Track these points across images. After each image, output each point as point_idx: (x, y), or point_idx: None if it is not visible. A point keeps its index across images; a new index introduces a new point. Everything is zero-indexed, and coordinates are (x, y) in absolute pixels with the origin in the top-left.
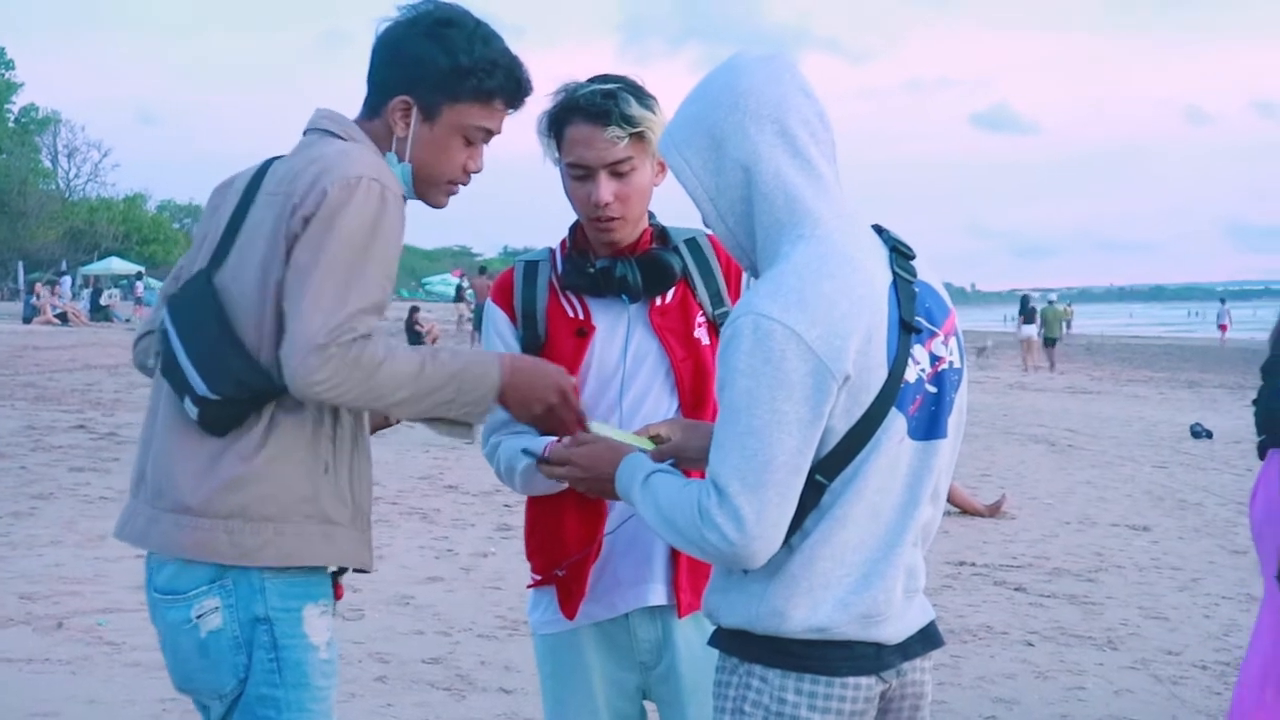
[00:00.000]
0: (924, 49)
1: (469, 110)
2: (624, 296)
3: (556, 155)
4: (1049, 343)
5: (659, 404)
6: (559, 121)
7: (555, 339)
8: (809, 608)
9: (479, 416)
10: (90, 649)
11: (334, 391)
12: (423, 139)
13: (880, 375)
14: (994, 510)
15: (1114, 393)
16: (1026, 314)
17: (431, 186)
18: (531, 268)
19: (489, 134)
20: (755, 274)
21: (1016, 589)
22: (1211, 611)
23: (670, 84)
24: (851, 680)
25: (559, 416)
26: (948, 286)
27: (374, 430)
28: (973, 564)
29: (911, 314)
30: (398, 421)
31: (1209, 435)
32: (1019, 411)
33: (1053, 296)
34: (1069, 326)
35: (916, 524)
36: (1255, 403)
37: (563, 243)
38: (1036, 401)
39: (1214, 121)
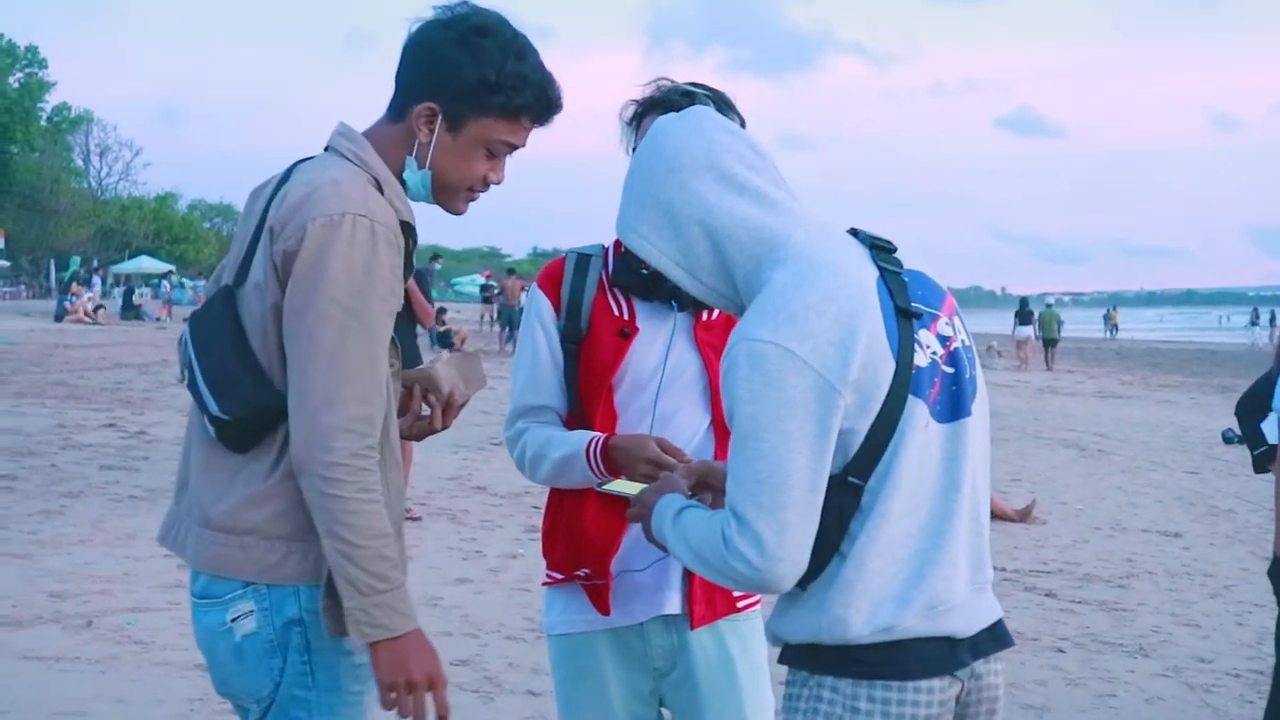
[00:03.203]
0: (948, 52)
1: (495, 125)
2: (673, 303)
3: (634, 146)
4: (1048, 343)
5: (691, 418)
6: (641, 114)
7: (597, 335)
8: (870, 610)
9: (359, 625)
10: (119, 648)
11: (334, 490)
12: (445, 147)
13: (889, 367)
14: (1024, 515)
15: (1144, 397)
16: (1023, 315)
17: (450, 194)
18: (584, 260)
19: (513, 148)
20: None
21: (1047, 595)
22: (1244, 619)
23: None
24: (925, 684)
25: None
26: (977, 290)
27: (418, 436)
28: (1003, 569)
29: (907, 301)
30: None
31: (1241, 441)
32: (1049, 416)
33: (1050, 300)
34: (1117, 330)
35: (963, 508)
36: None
37: (617, 241)
38: (1066, 405)
39: (1242, 126)
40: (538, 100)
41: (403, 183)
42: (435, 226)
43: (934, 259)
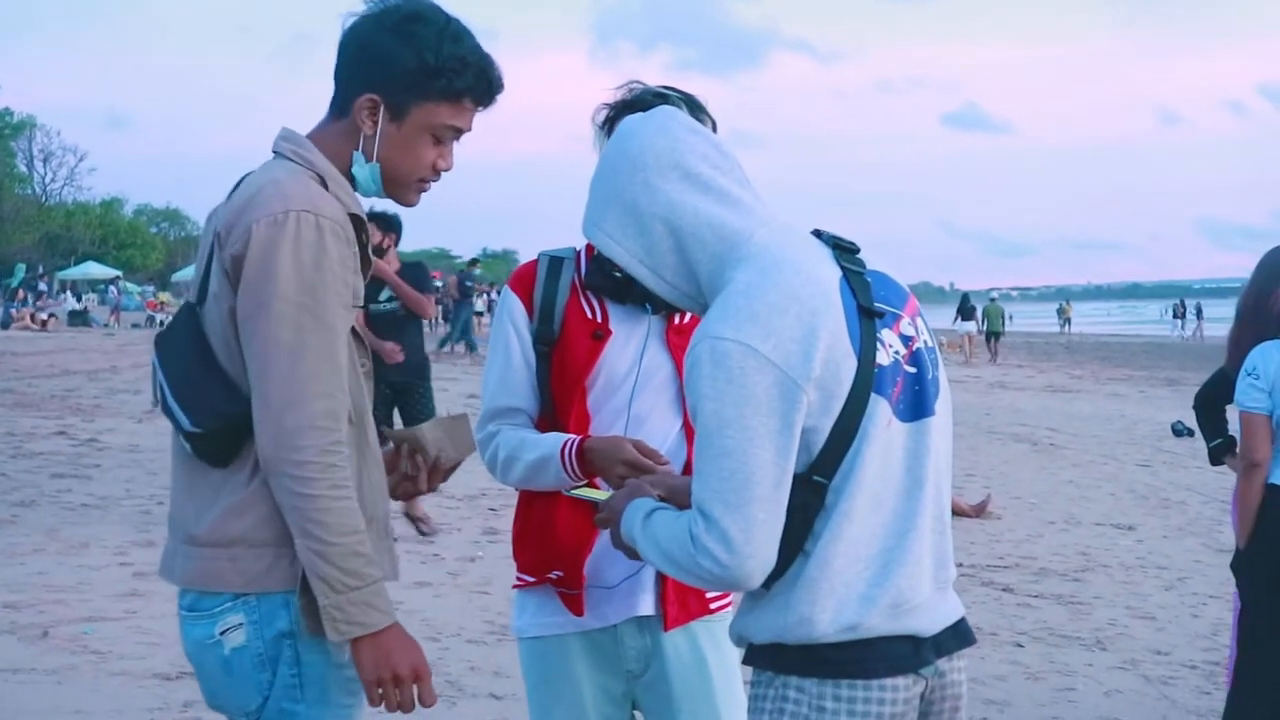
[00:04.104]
0: (894, 49)
1: (438, 109)
2: (647, 306)
3: None
4: (993, 336)
5: (664, 421)
6: (613, 117)
7: (570, 338)
8: (835, 608)
9: (335, 623)
10: (76, 658)
11: (304, 489)
12: (390, 138)
13: (851, 365)
14: (980, 510)
15: (1094, 391)
16: (965, 311)
17: (401, 185)
18: (556, 263)
19: (459, 132)
20: None
21: (1004, 589)
22: (1199, 611)
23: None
24: (890, 682)
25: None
26: (926, 285)
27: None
28: (960, 564)
29: (870, 300)
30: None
31: (1190, 433)
32: (1000, 411)
33: (994, 294)
34: (1070, 324)
35: (926, 507)
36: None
37: (589, 244)
38: (1017, 400)
39: (1186, 121)
40: (479, 81)
41: (352, 179)
42: None
43: (885, 257)
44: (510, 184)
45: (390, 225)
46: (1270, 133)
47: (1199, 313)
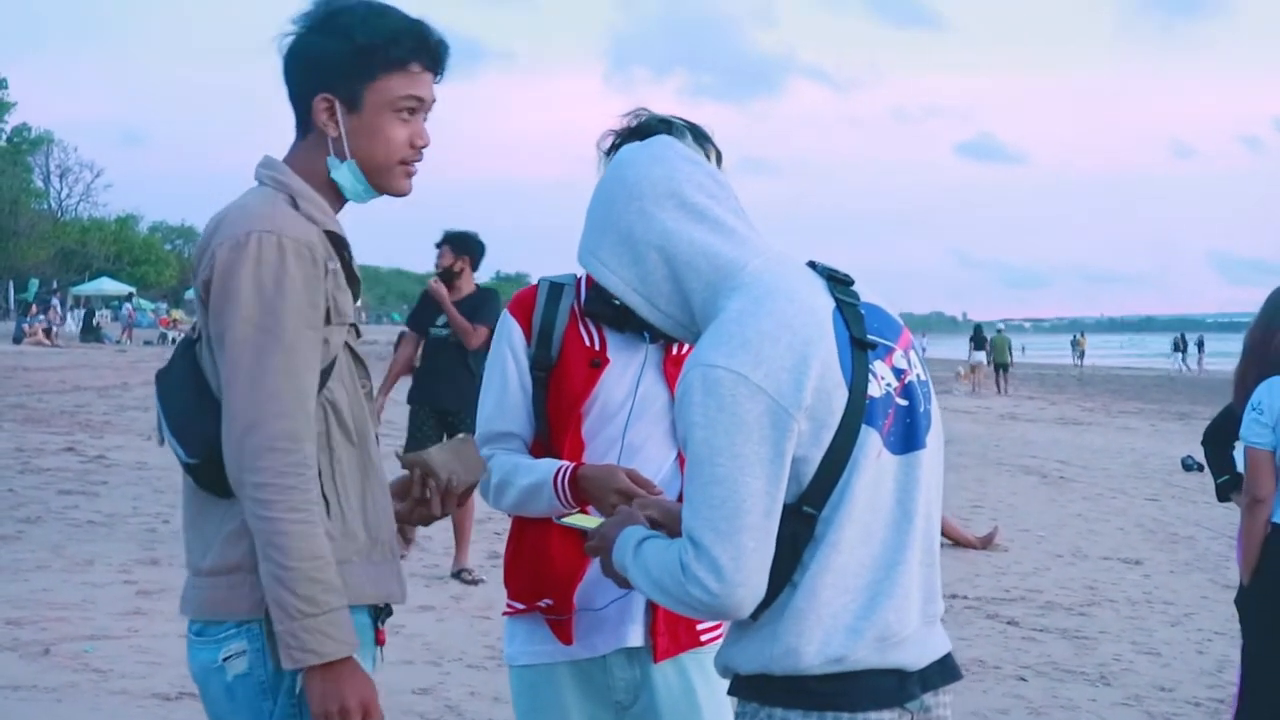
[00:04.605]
0: (909, 78)
1: (389, 83)
2: (645, 335)
3: None
4: (1001, 368)
5: (659, 450)
6: (619, 144)
7: (568, 364)
8: (821, 639)
9: (289, 649)
10: (77, 676)
11: (263, 511)
12: (356, 129)
13: (842, 396)
14: (986, 542)
15: (1105, 424)
16: (978, 340)
17: (384, 174)
18: (556, 289)
19: (420, 101)
20: None
21: (1009, 623)
22: (1205, 647)
23: (665, 112)
24: (874, 715)
25: None
26: (939, 315)
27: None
28: (965, 597)
29: (863, 332)
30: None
31: (1200, 468)
32: (1010, 442)
33: (1000, 326)
34: (1084, 356)
35: (916, 540)
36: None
37: None
38: (1027, 432)
39: (1200, 155)
40: (419, 43)
41: (335, 192)
42: (398, 251)
43: (883, 291)
44: (524, 207)
45: (466, 247)
46: None
47: (1200, 346)
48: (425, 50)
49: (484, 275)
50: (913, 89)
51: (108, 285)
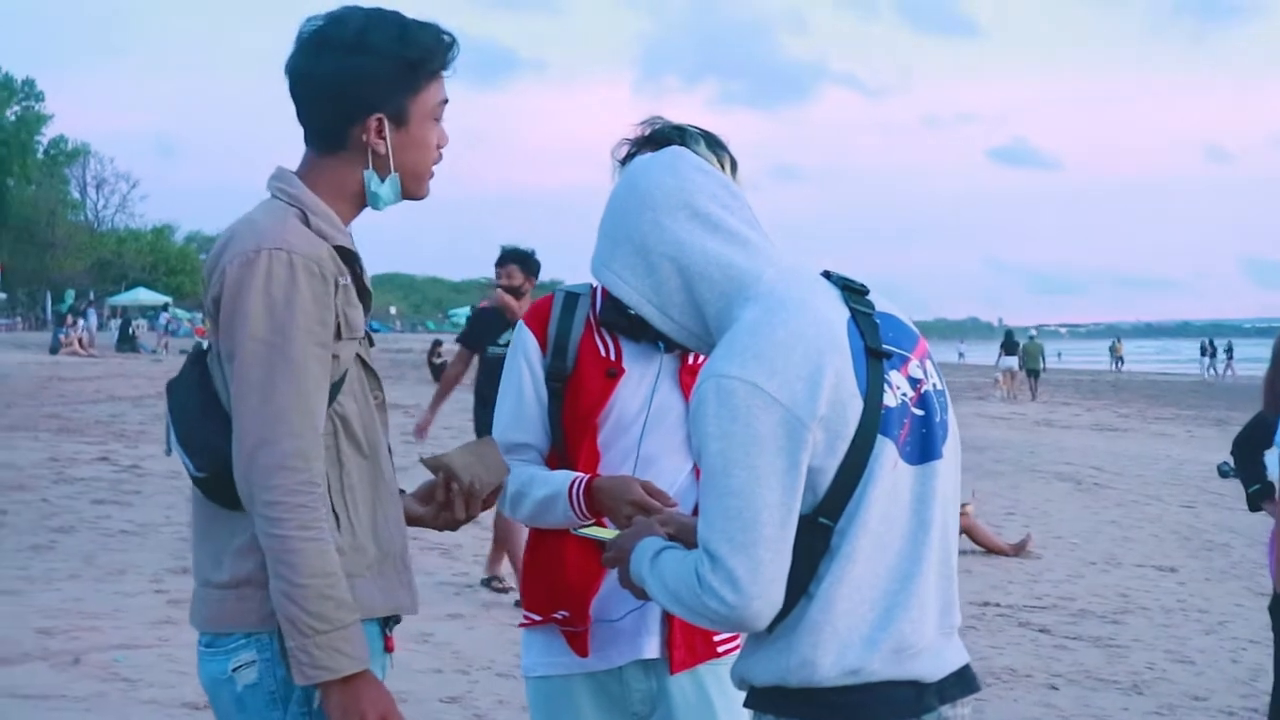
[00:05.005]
0: (941, 84)
1: (428, 94)
2: (660, 345)
3: None
4: (1032, 374)
5: (674, 461)
6: (634, 153)
7: (583, 375)
8: (837, 652)
9: (301, 666)
10: (106, 685)
11: (273, 530)
12: (402, 144)
13: (857, 406)
14: (1019, 549)
15: (1140, 430)
16: (1009, 346)
17: (420, 182)
18: (572, 299)
19: (445, 104)
20: None
21: (1041, 630)
22: (1239, 656)
23: (687, 119)
24: None
25: None
26: (974, 321)
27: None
28: (997, 604)
29: (878, 342)
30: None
31: (1237, 474)
32: (1044, 449)
33: (1033, 332)
34: (1123, 363)
35: (932, 551)
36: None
37: None
38: (1062, 438)
39: (1235, 159)
40: (448, 49)
41: (354, 203)
42: (434, 259)
43: (901, 301)
44: (555, 217)
45: (531, 267)
46: None
47: (1229, 352)
48: (452, 53)
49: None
50: (945, 95)
51: (144, 295)
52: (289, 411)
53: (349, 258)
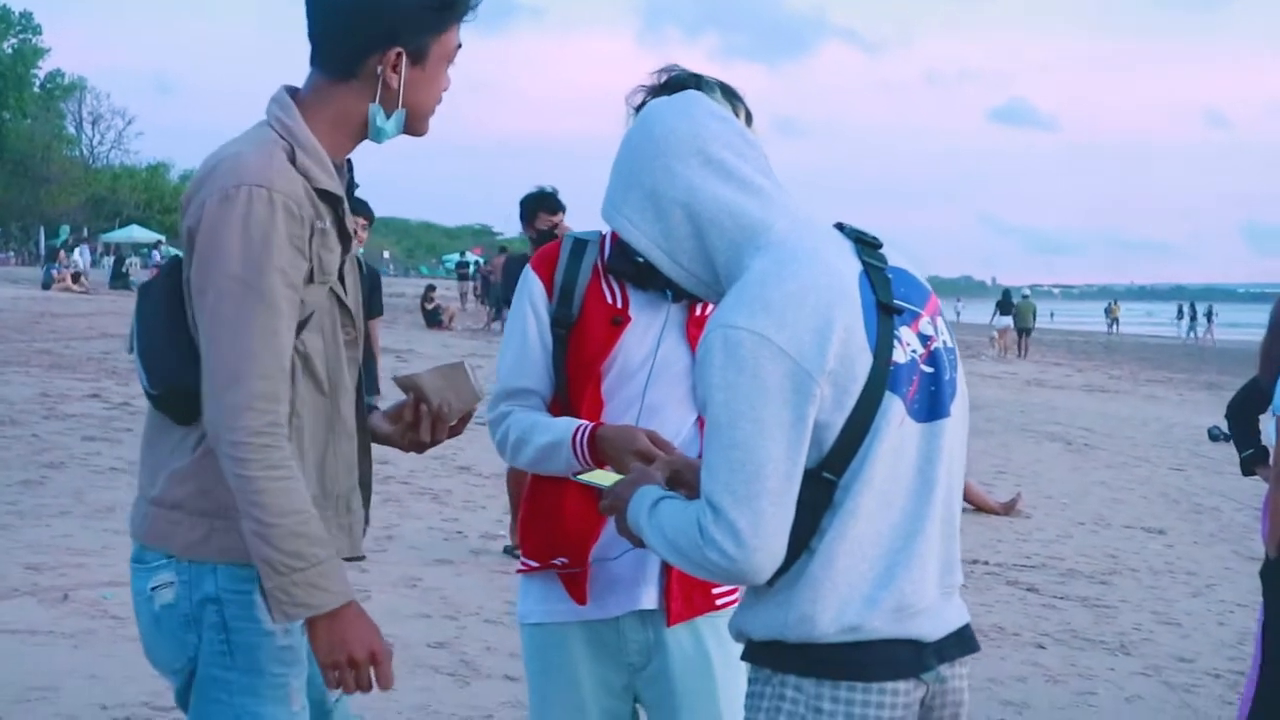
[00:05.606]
0: (942, 41)
1: (450, 36)
2: (668, 293)
3: None
4: (1023, 332)
5: (679, 411)
6: (649, 100)
7: (589, 322)
8: (837, 608)
9: (281, 605)
10: (94, 622)
11: (241, 470)
12: (416, 81)
13: (866, 361)
14: (1008, 508)
15: (1132, 392)
16: (1004, 306)
17: (423, 120)
18: (580, 245)
19: (459, 48)
20: None
21: (1029, 589)
22: (1226, 619)
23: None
24: (889, 686)
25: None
26: (968, 280)
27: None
28: (986, 563)
29: (889, 296)
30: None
31: (1227, 438)
32: (1035, 408)
33: (1026, 291)
34: (1118, 324)
35: (936, 510)
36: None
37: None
38: (1054, 399)
39: (1234, 124)
40: None
41: (353, 135)
42: (427, 203)
43: (914, 258)
44: (553, 164)
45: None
46: None
47: (1210, 316)
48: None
49: (513, 229)
50: (945, 52)
51: (138, 233)
52: (260, 352)
53: (332, 200)
